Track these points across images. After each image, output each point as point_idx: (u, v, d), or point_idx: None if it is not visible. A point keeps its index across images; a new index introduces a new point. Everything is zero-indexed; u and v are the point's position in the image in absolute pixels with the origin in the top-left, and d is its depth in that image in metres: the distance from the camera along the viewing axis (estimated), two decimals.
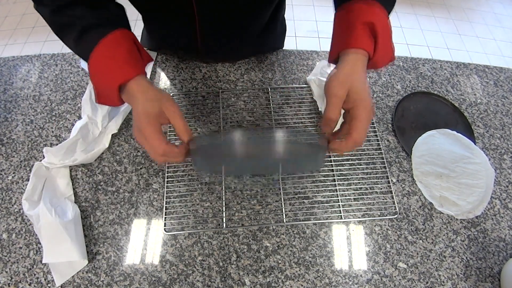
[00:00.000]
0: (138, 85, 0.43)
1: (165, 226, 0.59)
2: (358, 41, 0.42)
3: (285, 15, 0.83)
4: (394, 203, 0.63)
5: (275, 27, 0.79)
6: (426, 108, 0.75)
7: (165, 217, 0.60)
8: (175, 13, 0.64)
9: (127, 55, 0.44)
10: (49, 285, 0.54)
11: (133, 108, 0.44)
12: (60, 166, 0.63)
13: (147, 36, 0.82)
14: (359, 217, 0.61)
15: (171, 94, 0.75)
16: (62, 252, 0.54)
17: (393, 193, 0.64)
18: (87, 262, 0.55)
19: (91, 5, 0.45)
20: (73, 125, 0.70)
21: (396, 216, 0.62)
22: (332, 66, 0.47)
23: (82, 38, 0.44)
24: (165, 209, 0.61)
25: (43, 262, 0.54)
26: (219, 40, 0.71)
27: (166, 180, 0.64)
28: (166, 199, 0.62)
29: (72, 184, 0.63)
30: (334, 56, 0.46)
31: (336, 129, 0.46)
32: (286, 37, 0.88)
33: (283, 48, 0.85)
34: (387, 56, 0.45)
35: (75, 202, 0.61)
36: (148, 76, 0.77)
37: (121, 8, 0.51)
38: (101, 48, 0.42)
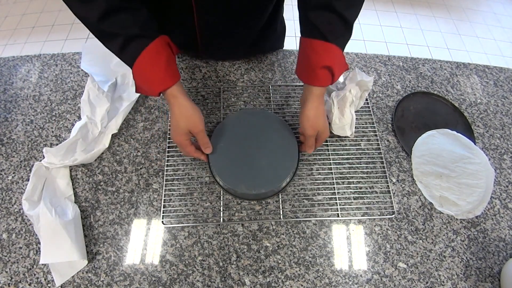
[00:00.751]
0: (174, 97, 0.53)
1: (171, 223, 0.59)
2: (319, 81, 0.55)
3: (284, 15, 0.83)
4: (392, 202, 0.63)
5: (274, 27, 0.79)
6: (426, 108, 0.75)
7: (163, 210, 0.60)
8: (175, 11, 0.65)
9: (166, 64, 0.51)
10: (49, 285, 0.54)
11: (171, 114, 0.56)
12: (60, 166, 0.63)
13: None
14: (358, 217, 0.61)
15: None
16: (62, 252, 0.54)
17: (391, 193, 0.64)
18: (87, 262, 0.55)
19: (133, 8, 0.49)
20: (73, 125, 0.70)
21: (393, 216, 0.62)
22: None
23: (125, 48, 0.49)
24: (163, 202, 0.61)
25: (40, 262, 0.54)
26: (218, 39, 0.71)
27: (165, 179, 0.64)
28: (164, 197, 0.62)
29: (72, 184, 0.63)
30: (300, 77, 0.58)
31: None
32: (286, 37, 0.88)
33: (283, 48, 0.85)
34: (342, 69, 0.57)
35: (75, 202, 0.61)
36: None
37: (148, 9, 0.53)
38: (143, 57, 0.49)
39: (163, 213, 0.60)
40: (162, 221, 0.60)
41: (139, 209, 0.61)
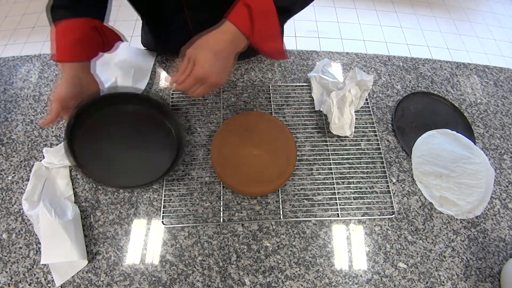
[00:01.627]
0: (65, 71, 0.55)
1: (171, 224, 0.59)
2: (233, 16, 0.49)
3: None
4: (392, 202, 0.63)
5: None
6: (426, 108, 0.75)
7: (163, 210, 0.60)
8: (167, 14, 0.66)
9: (74, 43, 0.54)
10: (49, 285, 0.54)
11: (60, 78, 0.56)
12: (60, 166, 0.63)
13: (145, 37, 0.82)
14: (358, 217, 0.61)
15: (171, 93, 0.75)
16: (62, 253, 0.54)
17: (391, 192, 0.64)
18: (87, 262, 0.55)
19: None
20: None
21: (393, 216, 0.62)
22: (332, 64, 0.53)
23: (54, 10, 0.54)
24: (170, 207, 0.61)
25: (41, 263, 0.54)
26: None
27: (169, 180, 0.64)
28: (164, 197, 0.62)
29: (72, 184, 0.63)
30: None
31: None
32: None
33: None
34: (269, 44, 0.51)
35: (75, 202, 0.61)
36: (148, 76, 0.77)
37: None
38: (59, 25, 0.53)
39: (163, 213, 0.60)
40: (162, 221, 0.60)
41: (139, 209, 0.61)
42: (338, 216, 0.61)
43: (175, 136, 0.62)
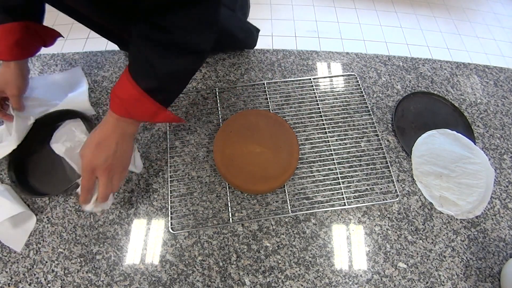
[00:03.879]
0: (3, 65, 0.60)
1: (171, 225, 0.59)
2: (111, 105, 0.50)
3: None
4: (396, 189, 0.63)
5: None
6: (426, 108, 0.75)
7: (171, 216, 0.60)
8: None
9: (15, 44, 0.58)
10: (49, 285, 0.54)
11: None
12: None
13: None
14: (358, 216, 0.61)
15: (176, 108, 0.74)
16: (4, 213, 0.56)
17: (394, 181, 0.64)
18: (35, 219, 0.55)
19: None
20: None
21: (398, 199, 0.61)
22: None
23: None
24: (171, 208, 0.61)
25: None
26: None
27: (169, 180, 0.64)
28: (171, 198, 0.62)
29: None
30: None
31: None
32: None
33: (283, 49, 0.85)
34: (159, 118, 0.51)
35: None
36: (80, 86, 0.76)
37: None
38: (2, 28, 0.56)
39: (171, 219, 0.60)
40: (171, 228, 0.60)
41: (139, 209, 0.61)
42: (338, 216, 0.61)
43: None
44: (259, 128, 0.65)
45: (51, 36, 0.67)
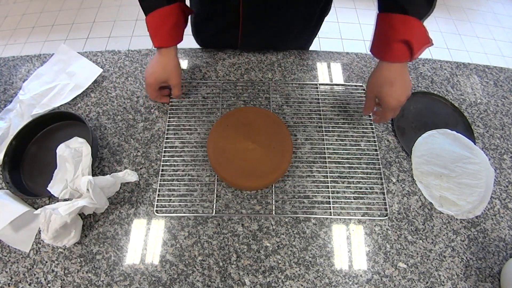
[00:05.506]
0: (164, 55, 0.64)
1: (156, 207, 0.59)
2: (394, 56, 0.54)
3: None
4: (386, 204, 0.63)
5: (313, 30, 0.83)
6: (426, 108, 0.75)
7: (157, 199, 0.60)
8: (223, 15, 0.72)
9: (171, 28, 0.61)
10: (49, 285, 0.54)
11: (154, 61, 0.65)
12: None
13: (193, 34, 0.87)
14: (358, 216, 0.61)
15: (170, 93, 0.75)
16: (9, 212, 0.55)
17: (385, 194, 0.64)
18: (38, 212, 0.54)
19: None
20: None
21: (386, 217, 0.62)
22: None
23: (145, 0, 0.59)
24: (158, 191, 0.61)
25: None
26: (257, 39, 0.76)
27: (160, 173, 0.64)
28: (160, 182, 0.62)
29: None
30: (376, 54, 0.59)
31: None
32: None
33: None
34: (423, 48, 0.54)
35: None
36: (80, 90, 0.75)
37: None
38: (153, 15, 0.59)
39: (157, 201, 0.60)
40: (156, 210, 0.60)
41: (139, 209, 0.61)
42: (338, 216, 0.61)
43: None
44: (256, 125, 0.65)
45: (190, 14, 0.68)
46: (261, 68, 0.80)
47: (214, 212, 0.61)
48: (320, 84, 0.77)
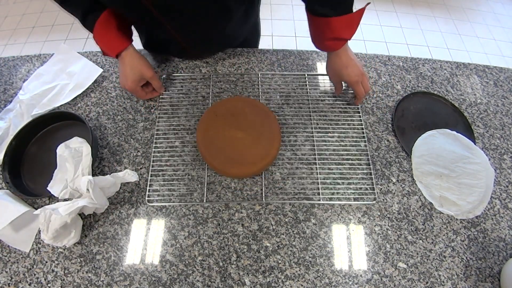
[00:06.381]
0: (125, 57, 0.65)
1: (148, 197, 0.59)
2: (332, 48, 0.63)
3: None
4: (374, 188, 0.63)
5: (246, 27, 0.83)
6: (426, 108, 0.75)
7: (149, 189, 0.60)
8: (148, 25, 0.73)
9: (116, 31, 0.62)
10: (49, 285, 0.54)
11: (121, 68, 0.66)
12: None
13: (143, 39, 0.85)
14: (358, 216, 0.61)
15: (170, 92, 0.75)
16: (10, 212, 0.55)
17: (373, 179, 0.64)
18: (38, 212, 0.53)
19: None
20: None
21: (375, 201, 0.62)
22: None
23: (85, 21, 0.61)
24: (150, 181, 0.61)
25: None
26: (194, 41, 0.73)
27: (151, 168, 0.64)
28: (151, 172, 0.62)
29: None
30: (317, 47, 0.66)
31: None
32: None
33: (283, 49, 0.85)
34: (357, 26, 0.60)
35: None
36: (81, 90, 0.75)
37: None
38: (97, 27, 0.60)
39: (148, 191, 0.61)
40: (148, 200, 0.60)
41: (139, 209, 0.61)
42: (338, 215, 0.61)
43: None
44: (244, 114, 0.66)
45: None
46: (261, 68, 0.80)
47: (205, 201, 0.61)
48: (308, 75, 0.78)
